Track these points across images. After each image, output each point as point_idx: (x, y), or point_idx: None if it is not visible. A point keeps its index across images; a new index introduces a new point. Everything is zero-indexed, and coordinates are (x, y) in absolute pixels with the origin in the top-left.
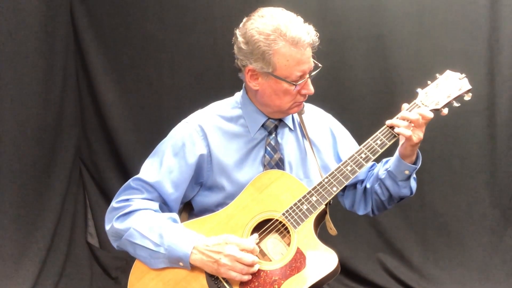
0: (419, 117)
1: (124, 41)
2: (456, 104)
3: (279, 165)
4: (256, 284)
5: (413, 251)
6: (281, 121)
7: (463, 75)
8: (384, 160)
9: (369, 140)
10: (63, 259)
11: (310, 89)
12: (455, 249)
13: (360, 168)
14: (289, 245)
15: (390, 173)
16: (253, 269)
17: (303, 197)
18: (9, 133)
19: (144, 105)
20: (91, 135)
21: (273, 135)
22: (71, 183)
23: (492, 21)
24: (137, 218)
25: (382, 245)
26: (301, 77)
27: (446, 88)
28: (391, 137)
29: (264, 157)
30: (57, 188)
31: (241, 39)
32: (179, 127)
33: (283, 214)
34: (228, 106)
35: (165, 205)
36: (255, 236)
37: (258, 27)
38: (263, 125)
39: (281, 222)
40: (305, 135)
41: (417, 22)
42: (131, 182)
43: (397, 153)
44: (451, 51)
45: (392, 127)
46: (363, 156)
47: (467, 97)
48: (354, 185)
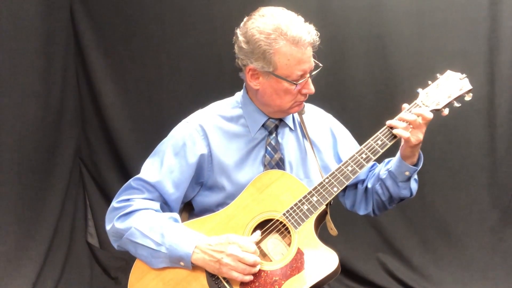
0: (416, 117)
1: (124, 41)
2: (456, 105)
3: (280, 165)
4: (257, 284)
5: (413, 251)
6: (281, 121)
7: (464, 75)
8: (386, 160)
9: (369, 140)
10: (63, 259)
11: (310, 89)
12: (455, 249)
13: (360, 168)
14: (289, 245)
15: (391, 173)
16: (255, 269)
17: (304, 197)
18: (9, 133)
19: (144, 105)
20: (91, 135)
21: (273, 135)
22: (71, 183)
23: (492, 21)
24: (138, 217)
25: (382, 245)
26: (301, 76)
27: (447, 88)
28: (391, 137)
29: (265, 157)
30: (57, 188)
31: (241, 38)
32: (180, 127)
33: (284, 214)
34: (228, 106)
35: (165, 205)
36: (258, 233)
37: (258, 26)
38: (263, 125)
39: (281, 222)
40: (305, 135)
41: (417, 22)
42: (131, 182)
43: (398, 153)
44: (451, 51)
45: (392, 127)
46: (364, 156)
47: (467, 98)
48: (355, 185)
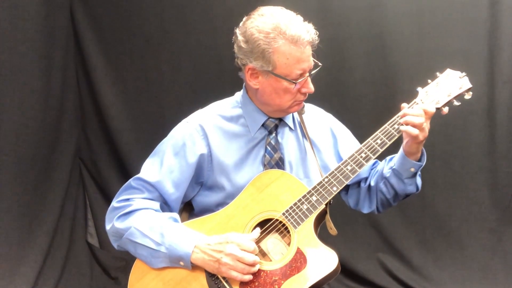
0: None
1: (124, 41)
2: (456, 103)
3: (279, 164)
4: (256, 284)
5: (413, 251)
6: (281, 120)
7: (464, 73)
8: (388, 157)
9: (369, 139)
10: (63, 259)
11: (310, 88)
12: (455, 249)
13: (360, 167)
14: (289, 245)
15: (395, 171)
16: (254, 269)
17: (303, 196)
18: (9, 133)
19: (144, 105)
20: (91, 135)
21: (273, 134)
22: (71, 183)
23: (492, 21)
24: (138, 217)
25: (382, 245)
26: (301, 75)
27: (447, 87)
28: (391, 136)
29: (264, 156)
30: (57, 188)
31: (241, 37)
32: (180, 126)
33: (283, 214)
34: (228, 105)
35: (165, 205)
36: (258, 230)
37: (258, 25)
38: (263, 125)
39: (281, 222)
40: (305, 135)
41: (417, 22)
42: (131, 182)
43: (401, 151)
44: (451, 51)
45: (405, 123)
46: (363, 155)
47: (467, 96)
48: (357, 183)
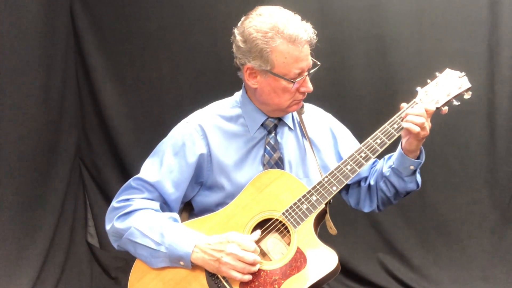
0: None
1: (124, 41)
2: (456, 103)
3: (279, 164)
4: (256, 283)
5: (413, 251)
6: (280, 120)
7: (463, 73)
8: (386, 156)
9: (369, 139)
10: (63, 259)
11: (308, 87)
12: (455, 249)
13: (360, 167)
14: (289, 244)
15: (394, 170)
16: (254, 268)
17: (303, 196)
18: (9, 133)
19: (144, 105)
20: (91, 135)
21: (272, 134)
22: (71, 183)
23: (492, 21)
24: (137, 217)
25: (382, 245)
26: (299, 74)
27: (446, 87)
28: (391, 136)
29: (264, 156)
30: (57, 188)
31: (239, 37)
32: (179, 126)
33: (283, 213)
34: (227, 105)
35: (165, 205)
36: (258, 232)
37: (256, 25)
38: (262, 124)
39: (281, 222)
40: (304, 135)
41: (417, 22)
42: (131, 182)
43: (400, 149)
44: (451, 51)
45: (407, 121)
46: (363, 155)
47: (467, 96)
48: (358, 182)
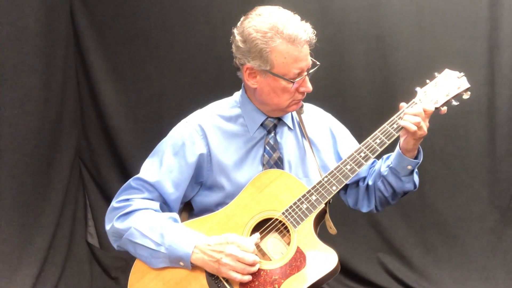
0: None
1: (124, 41)
2: (455, 103)
3: (278, 164)
4: (256, 283)
5: (413, 251)
6: (280, 120)
7: (462, 73)
8: (385, 156)
9: (368, 139)
10: (63, 259)
11: (308, 87)
12: (455, 249)
13: (359, 167)
14: (289, 244)
15: (392, 169)
16: (254, 269)
17: (303, 196)
18: (8, 133)
19: (144, 105)
20: (91, 135)
21: (272, 134)
22: (71, 183)
23: (492, 21)
24: (137, 217)
25: (382, 245)
26: (299, 74)
27: (445, 87)
28: (390, 136)
29: (263, 156)
30: (57, 188)
31: (238, 37)
32: (179, 126)
33: (283, 213)
34: (227, 105)
35: (165, 205)
36: (257, 235)
37: (255, 25)
38: (262, 124)
39: (281, 222)
40: (304, 135)
41: (417, 22)
42: (131, 182)
43: (398, 149)
44: (451, 51)
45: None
46: (362, 155)
47: (466, 96)
48: (356, 182)
